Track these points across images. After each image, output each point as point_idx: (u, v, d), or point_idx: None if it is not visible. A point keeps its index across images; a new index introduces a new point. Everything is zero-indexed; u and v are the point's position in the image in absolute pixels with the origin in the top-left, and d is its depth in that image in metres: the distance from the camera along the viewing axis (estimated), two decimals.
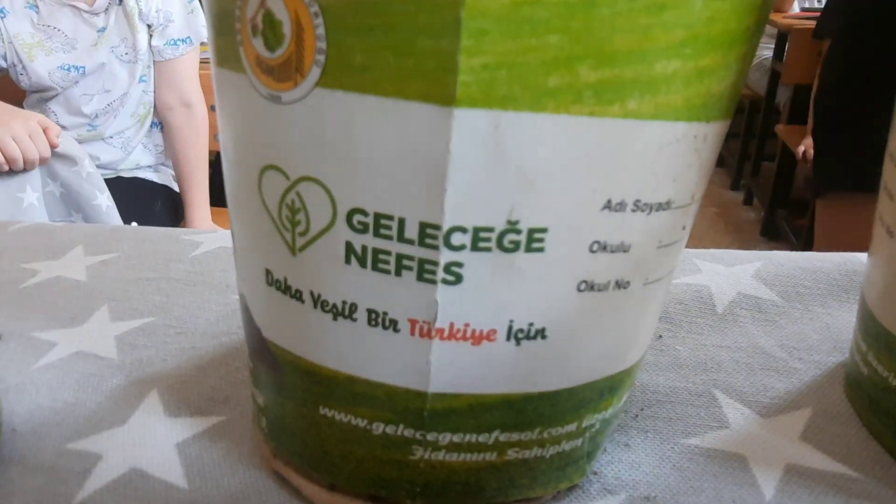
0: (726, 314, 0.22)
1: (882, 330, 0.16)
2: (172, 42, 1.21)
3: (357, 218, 0.11)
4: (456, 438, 0.13)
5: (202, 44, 1.28)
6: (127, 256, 0.28)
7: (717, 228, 2.67)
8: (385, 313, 0.12)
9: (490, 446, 0.13)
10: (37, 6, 1.16)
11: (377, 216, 0.11)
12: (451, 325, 0.12)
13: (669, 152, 0.11)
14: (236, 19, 0.11)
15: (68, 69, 1.16)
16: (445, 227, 0.11)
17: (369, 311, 0.12)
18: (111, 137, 1.24)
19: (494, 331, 0.12)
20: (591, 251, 0.12)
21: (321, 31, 0.10)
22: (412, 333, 0.12)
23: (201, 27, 1.23)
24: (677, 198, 0.12)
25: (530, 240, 0.11)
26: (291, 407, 0.14)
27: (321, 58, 0.10)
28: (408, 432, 0.13)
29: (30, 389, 0.19)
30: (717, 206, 2.96)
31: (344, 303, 0.12)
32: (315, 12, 0.10)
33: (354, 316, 0.12)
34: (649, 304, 0.14)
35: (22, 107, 1.20)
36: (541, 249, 0.11)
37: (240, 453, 0.17)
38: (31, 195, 0.99)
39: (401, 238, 0.11)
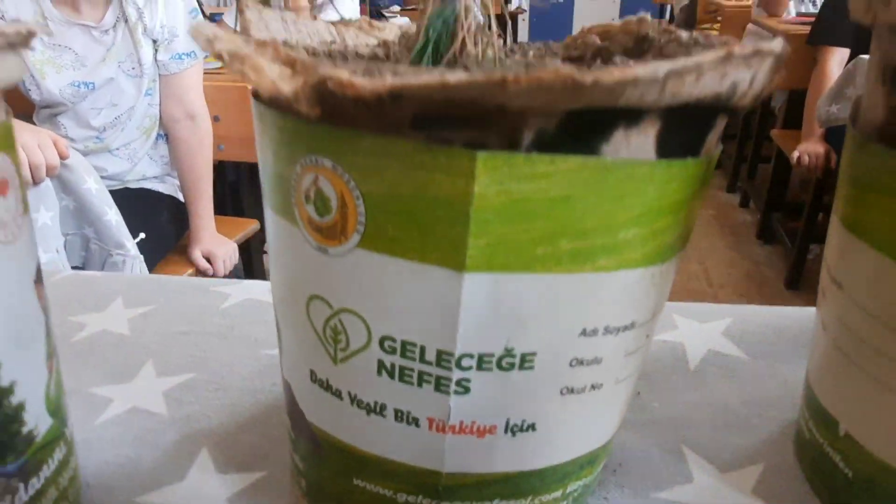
0: (697, 371, 0.26)
1: (818, 403, 0.19)
2: (177, 56, 1.23)
3: (387, 343, 0.15)
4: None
5: (206, 57, 1.30)
6: (163, 309, 0.31)
7: (712, 231, 2.68)
8: (409, 412, 0.15)
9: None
10: (46, 24, 1.18)
11: (403, 343, 0.14)
12: (461, 423, 0.15)
13: (631, 289, 0.15)
14: (292, 186, 0.15)
15: (78, 86, 1.19)
16: (457, 354, 0.14)
17: (396, 410, 0.15)
18: (118, 149, 1.27)
19: (495, 426, 0.15)
20: (571, 366, 0.15)
21: (361, 209, 0.13)
22: (430, 428, 0.15)
23: None
24: (639, 318, 0.15)
25: (522, 361, 0.14)
26: (328, 475, 0.18)
27: (361, 227, 0.14)
28: (426, 502, 0.16)
29: (95, 445, 0.22)
30: (714, 208, 2.97)
31: (375, 403, 0.15)
32: (357, 196, 0.13)
33: (384, 413, 0.15)
34: (620, 396, 0.17)
35: (32, 121, 1.23)
36: (531, 367, 0.15)
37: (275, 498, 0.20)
38: (44, 215, 1.02)
39: (422, 360, 0.14)
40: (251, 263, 1.55)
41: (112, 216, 1.11)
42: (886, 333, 0.16)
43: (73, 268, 1.10)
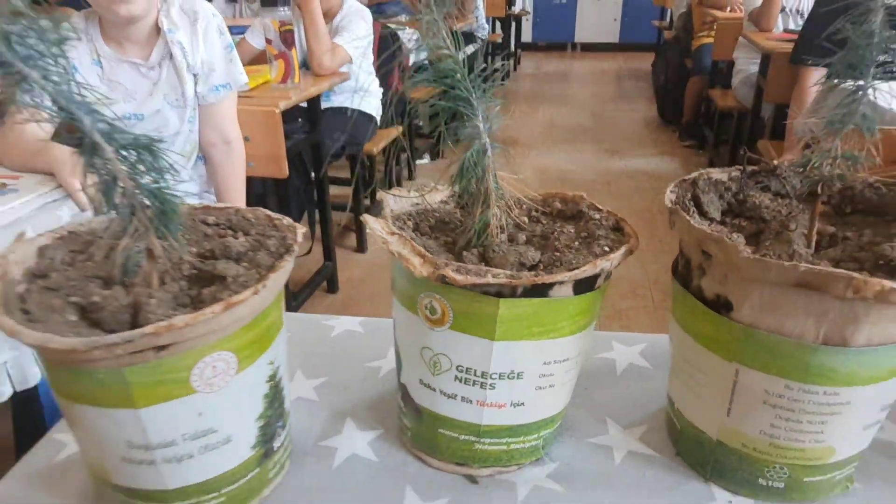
0: (621, 376, 0.46)
1: (669, 392, 0.39)
2: (214, 88, 1.42)
3: (458, 367, 0.34)
4: (490, 440, 0.36)
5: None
6: (296, 336, 0.51)
7: None
8: (467, 397, 0.35)
9: (504, 443, 0.36)
10: (101, 63, 1.36)
11: (467, 368, 0.34)
12: (491, 402, 0.35)
13: (568, 343, 0.34)
14: (417, 300, 0.34)
15: (129, 117, 1.37)
16: (490, 373, 0.34)
17: (462, 397, 0.35)
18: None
19: (505, 404, 0.35)
20: (540, 377, 0.35)
21: (450, 315, 0.33)
22: (476, 405, 0.35)
23: (239, 74, 1.45)
24: (573, 355, 0.35)
25: (518, 376, 0.34)
26: (424, 429, 0.38)
27: (450, 321, 0.33)
28: (473, 438, 0.36)
29: None
30: None
31: (453, 393, 0.35)
32: (450, 309, 0.33)
33: (456, 398, 0.35)
34: (566, 389, 0.37)
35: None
36: (522, 378, 0.34)
37: (395, 446, 0.40)
38: None
39: (474, 375, 0.34)
40: (287, 284, 1.74)
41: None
42: (687, 357, 0.36)
43: None
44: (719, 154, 3.62)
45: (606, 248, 0.34)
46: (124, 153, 0.27)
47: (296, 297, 2.07)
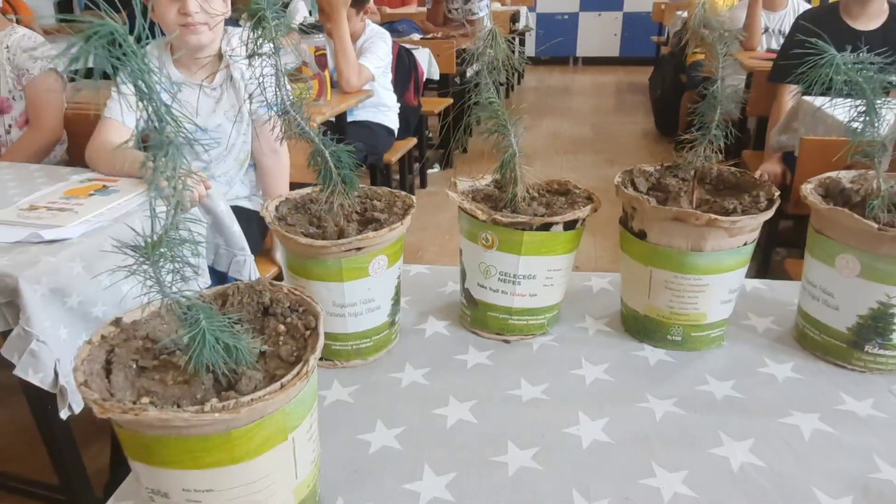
0: (596, 294, 0.75)
1: (622, 301, 0.68)
2: (266, 107, 1.73)
3: (501, 273, 0.63)
4: (517, 318, 0.65)
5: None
6: (361, 389, 0.80)
7: None
8: (504, 291, 0.64)
9: (524, 320, 0.65)
10: (172, 86, 1.68)
11: (505, 272, 0.63)
12: (518, 293, 0.64)
13: (562, 260, 0.63)
14: (478, 234, 0.63)
15: (195, 131, 1.69)
16: (519, 274, 0.63)
17: (501, 291, 0.64)
18: (219, 176, 1.77)
19: (525, 294, 0.64)
20: (545, 279, 0.64)
21: (497, 241, 0.62)
22: (510, 294, 0.64)
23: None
24: (565, 267, 0.64)
25: (534, 277, 0.63)
26: (478, 314, 0.66)
27: (497, 244, 0.62)
28: (506, 316, 0.65)
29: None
30: None
31: (497, 289, 0.64)
32: (497, 238, 0.62)
33: (498, 292, 0.64)
34: (561, 289, 0.66)
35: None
36: (535, 279, 0.63)
37: (459, 327, 0.68)
38: (194, 230, 1.51)
39: (509, 275, 0.63)
40: None
41: (236, 228, 1.59)
42: (627, 268, 0.65)
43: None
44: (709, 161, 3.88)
45: (581, 206, 0.63)
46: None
47: None
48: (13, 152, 1.96)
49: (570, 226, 0.62)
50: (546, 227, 0.60)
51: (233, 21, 1.73)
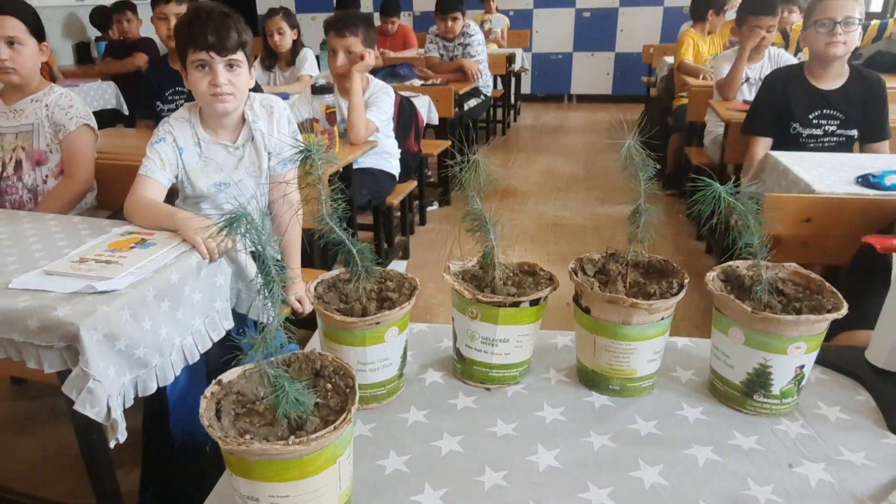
0: (559, 350, 0.96)
1: (577, 358, 0.89)
2: (283, 163, 1.96)
3: (482, 338, 0.85)
4: (496, 371, 0.86)
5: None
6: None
7: None
8: (486, 350, 0.85)
9: (501, 373, 0.86)
10: (200, 145, 1.90)
11: (485, 337, 0.84)
12: (496, 353, 0.85)
13: (531, 328, 0.85)
14: (465, 308, 0.85)
15: (219, 185, 1.91)
16: (495, 340, 0.84)
17: (483, 350, 0.85)
18: None
19: (501, 353, 0.85)
20: (517, 341, 0.85)
21: (480, 314, 0.84)
22: (490, 354, 0.85)
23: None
24: (530, 333, 0.86)
25: (507, 342, 0.84)
26: (466, 367, 0.88)
27: (480, 316, 0.84)
28: (487, 370, 0.86)
29: None
30: (684, 254, 3.68)
31: (480, 349, 0.86)
32: (480, 312, 0.84)
33: (481, 351, 0.85)
34: (531, 347, 0.87)
35: (172, 203, 1.92)
36: (508, 342, 0.85)
37: (451, 377, 0.90)
38: (220, 278, 1.71)
39: (489, 341, 0.84)
40: None
41: (257, 279, 1.81)
42: (579, 335, 0.86)
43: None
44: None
45: (543, 288, 0.84)
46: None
47: None
48: (50, 200, 2.20)
49: (535, 302, 0.83)
50: (516, 304, 0.82)
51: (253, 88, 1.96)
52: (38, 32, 2.17)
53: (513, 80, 5.99)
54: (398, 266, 3.45)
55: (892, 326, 0.83)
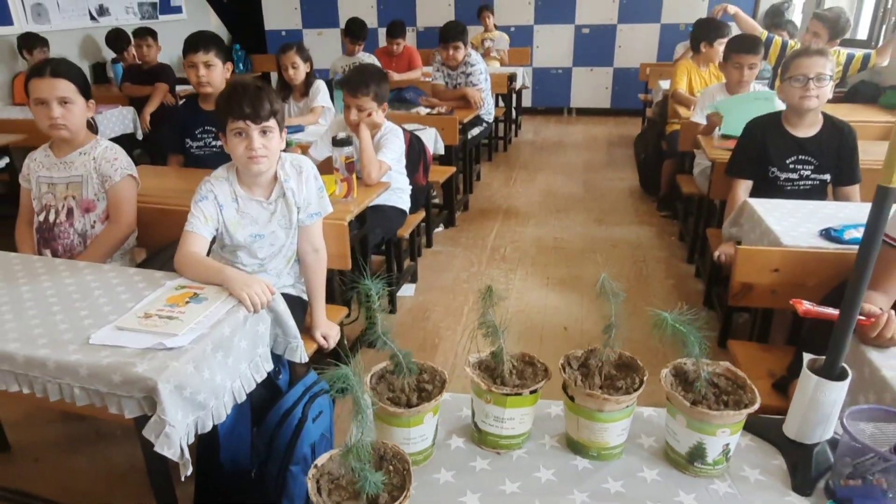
0: (553, 419, 1.26)
1: (566, 429, 1.20)
2: (310, 216, 2.26)
3: (494, 416, 1.15)
4: (504, 440, 1.17)
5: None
6: None
7: (671, 298, 3.68)
8: (496, 424, 1.16)
9: (508, 440, 1.17)
10: (237, 201, 2.20)
11: (496, 416, 1.15)
12: (505, 426, 1.15)
13: (530, 410, 1.15)
14: (482, 394, 1.15)
15: (254, 237, 2.21)
16: (504, 417, 1.15)
17: (494, 424, 1.16)
18: (271, 269, 2.30)
19: (508, 427, 1.16)
20: (521, 418, 1.15)
21: (493, 399, 1.14)
22: (500, 427, 1.16)
23: (326, 205, 2.29)
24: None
25: (513, 419, 1.15)
26: (482, 436, 1.18)
27: (493, 401, 1.14)
28: (498, 438, 1.17)
29: None
30: (675, 277, 3.98)
31: (492, 423, 1.16)
32: (492, 398, 1.14)
33: (493, 425, 1.16)
34: (530, 422, 1.17)
35: (208, 252, 2.21)
36: (514, 419, 1.15)
37: (470, 443, 1.20)
38: (262, 326, 2.02)
39: (499, 419, 1.15)
40: (343, 337, 2.59)
41: (291, 322, 2.11)
42: (567, 414, 1.17)
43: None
44: (688, 225, 4.46)
45: (540, 379, 1.15)
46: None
47: (352, 349, 2.92)
48: (99, 243, 2.52)
49: (533, 392, 1.14)
50: (519, 393, 1.13)
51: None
52: (86, 91, 2.48)
53: (513, 97, 6.27)
54: (408, 290, 3.77)
55: (800, 407, 1.14)
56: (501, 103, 5.97)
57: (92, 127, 2.62)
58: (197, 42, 3.11)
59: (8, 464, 2.56)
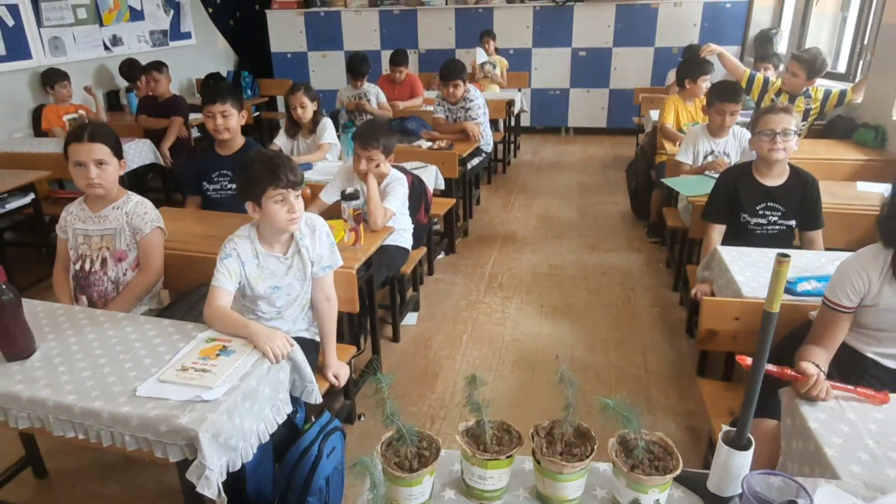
0: (527, 475, 1.59)
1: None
2: (323, 268, 2.59)
3: (478, 475, 1.47)
4: (487, 493, 1.49)
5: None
6: None
7: (656, 327, 3.98)
8: (481, 481, 1.48)
9: (490, 494, 1.50)
10: (258, 257, 2.53)
11: (480, 475, 1.47)
12: (487, 483, 1.48)
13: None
14: (470, 457, 1.47)
15: (273, 288, 2.54)
16: (486, 476, 1.47)
17: (478, 481, 1.48)
18: (287, 317, 2.63)
19: (490, 482, 1.48)
20: (499, 476, 1.48)
21: (479, 462, 1.46)
22: (483, 482, 1.48)
23: (337, 259, 2.62)
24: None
25: (493, 477, 1.47)
26: (470, 490, 1.51)
27: (479, 463, 1.47)
28: (482, 491, 1.50)
29: None
30: (661, 305, 4.30)
31: (478, 481, 1.49)
32: (478, 461, 1.46)
33: (478, 482, 1.48)
34: (507, 479, 1.50)
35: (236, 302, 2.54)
36: (495, 477, 1.47)
37: (460, 495, 1.53)
38: (282, 374, 2.34)
39: (483, 477, 1.47)
40: (353, 373, 2.92)
41: (307, 369, 2.43)
42: (536, 475, 1.49)
43: None
44: (674, 253, 4.77)
45: (515, 445, 1.47)
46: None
47: (356, 383, 3.26)
48: (131, 290, 2.85)
49: (509, 456, 1.46)
50: (499, 457, 1.45)
51: None
52: (118, 152, 2.82)
53: (512, 120, 6.58)
54: (411, 319, 4.10)
55: (717, 468, 1.46)
56: (500, 127, 6.28)
57: (123, 182, 2.95)
58: (215, 95, 3.45)
59: (47, 490, 2.85)
